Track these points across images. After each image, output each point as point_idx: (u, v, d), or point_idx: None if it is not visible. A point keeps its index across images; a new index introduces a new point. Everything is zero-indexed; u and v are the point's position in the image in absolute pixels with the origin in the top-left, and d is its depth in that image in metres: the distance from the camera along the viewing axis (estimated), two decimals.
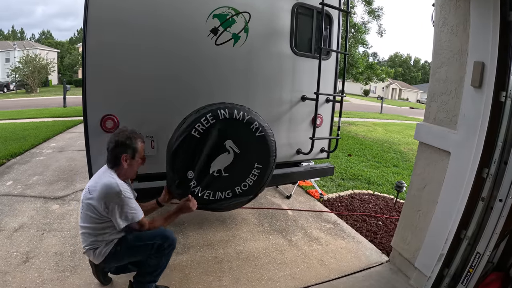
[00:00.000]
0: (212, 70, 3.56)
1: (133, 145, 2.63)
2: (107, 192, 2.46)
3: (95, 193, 2.49)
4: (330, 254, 3.73)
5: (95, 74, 3.08)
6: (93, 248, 2.57)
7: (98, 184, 2.51)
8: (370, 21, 14.72)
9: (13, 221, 4.07)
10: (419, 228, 3.22)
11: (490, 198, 2.60)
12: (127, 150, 2.61)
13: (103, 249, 2.57)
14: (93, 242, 2.57)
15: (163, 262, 2.69)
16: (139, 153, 2.69)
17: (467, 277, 2.67)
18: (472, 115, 2.69)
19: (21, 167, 6.38)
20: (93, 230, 2.55)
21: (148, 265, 2.66)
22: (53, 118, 13.26)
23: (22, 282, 2.93)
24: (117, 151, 2.60)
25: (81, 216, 2.58)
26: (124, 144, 2.60)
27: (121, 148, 2.60)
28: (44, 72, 36.25)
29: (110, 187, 2.47)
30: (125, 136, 2.62)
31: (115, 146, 2.61)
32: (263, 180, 3.13)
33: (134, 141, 2.64)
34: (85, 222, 2.55)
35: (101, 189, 2.47)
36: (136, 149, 2.65)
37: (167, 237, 2.64)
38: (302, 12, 3.98)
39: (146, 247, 2.59)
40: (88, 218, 2.52)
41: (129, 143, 2.62)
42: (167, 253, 2.67)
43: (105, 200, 2.46)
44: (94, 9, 2.96)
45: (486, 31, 2.52)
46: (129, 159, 2.63)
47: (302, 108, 4.17)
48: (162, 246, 2.60)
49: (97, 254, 2.58)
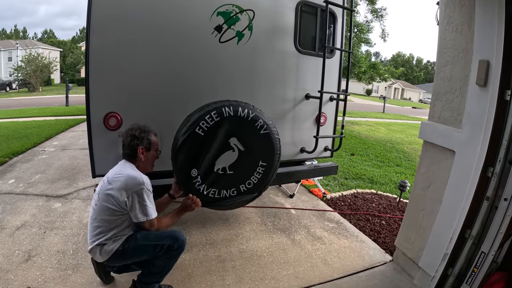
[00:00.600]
0: (216, 68, 3.56)
1: (148, 137, 2.72)
2: (132, 183, 2.50)
3: (116, 183, 2.52)
4: (333, 253, 3.71)
5: (98, 72, 3.08)
6: (100, 244, 2.54)
7: (120, 175, 2.56)
8: (374, 20, 14.67)
9: (15, 219, 4.07)
10: (423, 227, 3.21)
11: (495, 197, 2.58)
12: (143, 142, 2.69)
13: (110, 246, 2.55)
14: (102, 237, 2.54)
15: (170, 263, 2.69)
16: (154, 145, 2.77)
17: (472, 276, 2.65)
18: (477, 113, 2.67)
19: (24, 165, 6.39)
20: (106, 223, 2.53)
21: (154, 266, 2.64)
22: (55, 116, 13.28)
23: (24, 281, 2.93)
24: (133, 144, 2.67)
25: (95, 209, 2.57)
26: (139, 137, 2.69)
27: (136, 141, 2.68)
28: (47, 71, 36.36)
29: (135, 178, 2.53)
30: (139, 129, 2.71)
31: (131, 140, 2.68)
32: (268, 178, 3.12)
33: (148, 134, 2.73)
34: (100, 214, 2.54)
35: (125, 180, 2.52)
36: (150, 141, 2.73)
37: (177, 238, 2.63)
38: (306, 10, 3.97)
39: (155, 247, 2.58)
40: (105, 209, 2.51)
41: (144, 135, 2.70)
42: (176, 255, 2.66)
43: (127, 189, 2.49)
44: (97, 6, 2.96)
45: (491, 29, 2.50)
46: (145, 151, 2.71)
47: (306, 106, 4.16)
48: (172, 247, 2.59)
49: (104, 251, 2.56)
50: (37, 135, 9.11)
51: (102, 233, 2.54)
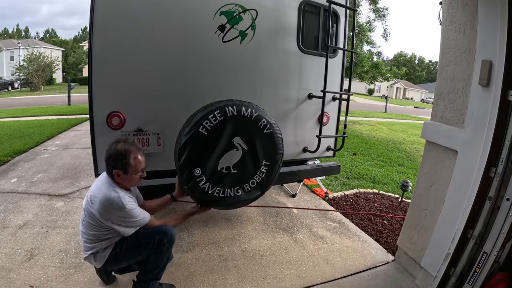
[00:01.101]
0: (219, 67, 3.56)
1: (124, 161, 2.47)
2: (109, 207, 2.41)
3: (96, 204, 2.43)
4: (335, 253, 3.72)
5: (102, 71, 3.08)
6: (93, 253, 2.57)
7: (99, 195, 2.44)
8: (376, 20, 14.65)
9: (18, 218, 4.09)
10: (425, 227, 3.21)
11: (497, 198, 2.58)
12: (117, 165, 2.47)
13: (103, 253, 2.58)
14: (93, 247, 2.56)
15: (163, 258, 2.67)
16: (133, 169, 2.52)
17: (474, 276, 2.65)
18: (479, 114, 2.67)
19: (26, 164, 6.41)
20: (93, 237, 2.54)
21: (149, 263, 2.65)
22: (57, 116, 13.30)
23: (27, 279, 2.94)
24: (108, 165, 2.50)
25: (84, 224, 2.54)
26: (114, 159, 2.47)
27: (111, 163, 2.49)
28: (49, 70, 36.39)
29: (112, 201, 2.41)
30: (115, 149, 2.48)
31: (106, 159, 2.50)
32: (271, 177, 3.12)
33: (125, 157, 2.47)
34: (86, 228, 2.53)
35: (102, 203, 2.41)
36: (127, 164, 2.48)
37: (166, 232, 2.61)
38: (309, 9, 3.96)
39: (146, 246, 2.57)
40: (91, 226, 2.49)
41: (119, 158, 2.46)
42: (166, 248, 2.64)
43: (107, 214, 2.42)
44: (101, 5, 2.96)
45: (494, 29, 2.50)
46: (122, 174, 2.50)
47: (308, 106, 4.16)
48: (161, 241, 2.58)
49: (98, 258, 2.59)
50: (39, 134, 9.13)
51: (92, 244, 2.55)
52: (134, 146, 2.57)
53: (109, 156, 2.48)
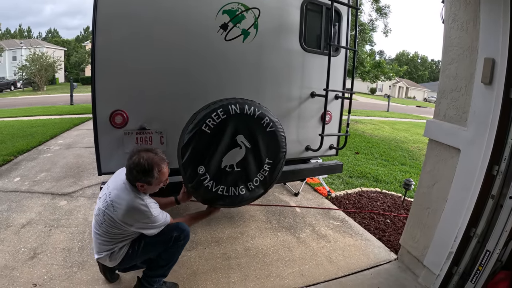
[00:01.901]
0: (222, 66, 3.57)
1: (149, 176, 2.43)
2: (136, 215, 2.43)
3: (120, 211, 2.41)
4: (338, 251, 3.72)
5: (104, 70, 3.09)
6: (109, 254, 2.57)
7: (123, 201, 2.42)
8: (378, 19, 14.62)
9: (21, 217, 4.10)
10: (428, 225, 3.21)
11: (500, 196, 2.58)
12: (141, 179, 2.43)
13: (119, 253, 2.58)
14: (110, 249, 2.56)
15: (176, 254, 2.71)
16: (157, 181, 2.50)
17: (476, 275, 2.65)
18: (482, 112, 2.66)
19: (29, 163, 6.42)
20: (111, 239, 2.54)
21: (161, 259, 2.66)
22: (60, 115, 13.30)
23: (30, 278, 2.95)
24: (131, 176, 2.45)
25: (100, 225, 2.50)
26: (138, 172, 2.41)
27: (135, 175, 2.43)
28: (51, 70, 36.47)
29: (139, 210, 2.42)
30: (139, 163, 2.40)
31: (129, 170, 2.45)
32: (274, 175, 3.12)
33: (151, 171, 2.42)
34: (104, 231, 2.50)
35: (129, 212, 2.41)
36: (152, 178, 2.45)
37: (183, 229, 2.65)
38: (311, 8, 3.96)
39: (164, 242, 2.59)
40: (109, 229, 2.48)
41: (144, 173, 2.41)
42: (182, 245, 2.67)
43: (132, 221, 2.43)
44: (103, 4, 2.97)
45: (496, 27, 2.50)
46: (146, 185, 2.47)
47: (311, 104, 4.16)
48: (178, 238, 2.61)
49: (113, 258, 2.59)
50: (42, 133, 9.14)
51: (110, 246, 2.55)
52: (158, 157, 2.50)
53: (131, 169, 2.42)
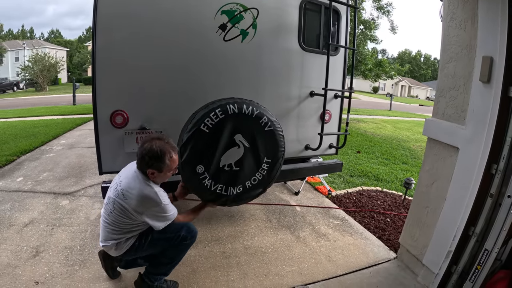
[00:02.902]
0: (221, 66, 3.58)
1: (160, 162, 2.46)
2: (146, 202, 2.45)
3: (131, 200, 2.44)
4: (338, 250, 3.73)
5: (105, 70, 3.12)
6: (116, 243, 2.59)
7: (134, 190, 2.44)
8: (380, 17, 14.57)
9: (24, 216, 4.13)
10: (427, 224, 3.21)
11: (498, 195, 2.58)
12: (152, 165, 2.46)
13: (125, 243, 2.61)
14: (118, 238, 2.58)
15: (181, 254, 2.74)
16: (168, 168, 2.52)
17: (475, 274, 2.65)
18: (480, 110, 2.66)
19: (31, 163, 6.46)
20: (120, 228, 2.55)
21: (165, 256, 2.69)
22: (62, 115, 13.36)
23: (32, 276, 2.97)
24: (142, 163, 2.48)
25: (111, 216, 2.52)
26: (149, 159, 2.44)
27: (146, 162, 2.46)
28: (54, 70, 36.60)
29: (149, 197, 2.45)
30: (151, 150, 2.43)
31: (141, 157, 2.47)
32: (272, 174, 3.14)
33: (162, 157, 2.45)
34: (116, 222, 2.52)
35: (139, 198, 2.43)
36: (163, 165, 2.48)
37: (192, 230, 2.68)
38: (310, 8, 3.97)
39: (171, 239, 2.61)
40: (121, 220, 2.51)
41: (155, 159, 2.44)
42: (188, 245, 2.70)
43: (142, 208, 2.45)
44: (103, 5, 2.99)
45: (494, 25, 2.49)
46: (156, 173, 2.49)
47: (310, 103, 4.17)
48: (185, 238, 2.64)
49: (119, 247, 2.61)
50: (45, 133, 9.18)
51: (118, 235, 2.57)
52: (169, 145, 2.52)
53: (143, 155, 2.45)
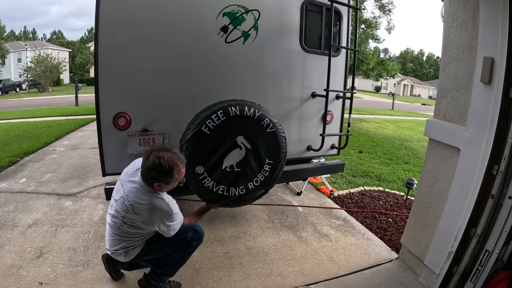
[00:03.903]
0: (223, 68, 3.60)
1: (168, 177, 2.37)
2: (158, 214, 2.43)
3: (144, 213, 2.40)
4: (339, 250, 3.74)
5: (107, 73, 3.14)
6: (125, 251, 2.60)
7: (145, 204, 2.39)
8: (382, 16, 14.57)
9: (27, 217, 4.15)
10: (429, 225, 3.21)
11: (500, 196, 2.57)
12: (161, 180, 2.37)
13: (134, 249, 2.62)
14: (127, 246, 2.58)
15: (187, 255, 2.75)
16: (175, 180, 2.44)
17: (476, 275, 2.65)
18: (482, 111, 2.66)
19: (35, 164, 6.49)
20: (130, 238, 2.56)
21: (172, 258, 2.70)
22: (65, 116, 13.39)
23: (36, 277, 2.99)
24: (149, 177, 2.37)
25: (118, 227, 2.49)
26: (157, 174, 2.35)
27: (154, 176, 2.36)
28: (56, 71, 36.62)
29: (161, 209, 2.42)
30: (159, 165, 2.32)
31: (147, 171, 2.36)
32: (274, 176, 3.15)
33: (170, 172, 2.35)
34: (124, 232, 2.49)
35: (152, 212, 2.41)
36: (171, 180, 2.40)
37: (198, 231, 2.70)
38: (311, 9, 3.98)
39: (178, 241, 2.62)
40: (131, 233, 2.50)
41: (163, 174, 2.35)
42: (195, 246, 2.71)
43: (156, 220, 2.44)
44: (106, 7, 3.01)
45: (495, 26, 2.49)
46: (163, 185, 2.41)
47: (312, 104, 4.18)
48: (193, 239, 2.65)
49: (128, 254, 2.62)
50: (48, 135, 9.21)
51: (127, 243, 2.58)
52: (177, 157, 2.43)
53: (150, 170, 2.34)
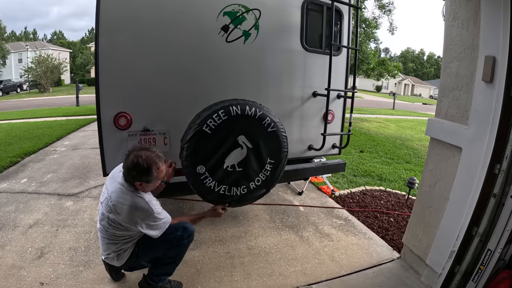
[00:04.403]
0: (224, 67, 3.59)
1: (147, 175, 2.43)
2: (139, 213, 2.45)
3: (123, 213, 2.44)
4: (341, 250, 3.73)
5: (108, 73, 3.13)
6: (116, 254, 2.63)
7: (125, 204, 2.44)
8: (381, 16, 14.55)
9: (28, 217, 4.15)
10: (430, 224, 3.21)
11: (502, 195, 2.56)
12: (141, 179, 2.43)
13: (125, 252, 2.63)
14: (117, 249, 2.61)
15: (181, 253, 2.74)
16: (156, 178, 2.50)
17: (478, 274, 2.65)
18: (483, 110, 2.65)
19: (36, 165, 6.49)
20: (119, 241, 2.58)
21: (166, 257, 2.69)
22: (66, 117, 13.41)
23: (37, 277, 2.99)
24: (129, 176, 2.45)
25: (106, 229, 2.55)
26: (136, 173, 2.41)
27: (133, 175, 2.43)
28: (57, 71, 36.69)
29: (142, 208, 2.45)
30: (137, 163, 2.39)
31: (127, 171, 2.44)
32: (276, 175, 3.14)
33: (149, 170, 2.42)
34: (112, 234, 2.54)
35: (132, 211, 2.43)
36: (151, 178, 2.45)
37: (187, 229, 2.68)
38: (312, 8, 3.97)
39: (167, 241, 2.61)
40: (117, 234, 2.54)
41: (142, 173, 2.41)
42: (185, 244, 2.70)
43: (137, 219, 2.45)
44: (106, 6, 3.00)
45: (496, 25, 2.49)
46: (144, 184, 2.47)
47: (313, 104, 4.17)
48: (182, 237, 2.64)
49: (120, 258, 2.64)
50: (49, 135, 9.22)
51: (117, 245, 2.60)
52: (155, 155, 2.50)
53: (130, 169, 2.41)
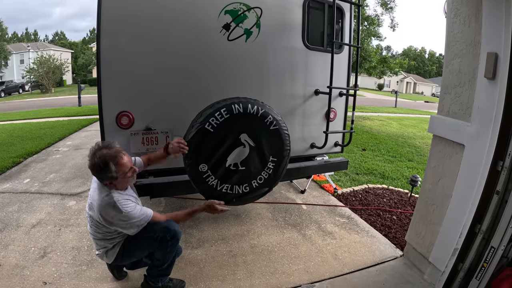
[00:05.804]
0: (226, 66, 3.59)
1: (107, 172, 2.37)
2: (107, 213, 2.41)
3: (96, 211, 2.44)
4: (344, 248, 3.73)
5: (110, 72, 3.14)
6: (104, 251, 2.66)
7: (96, 202, 2.44)
8: (384, 13, 14.49)
9: (31, 217, 4.17)
10: (433, 222, 3.20)
11: (505, 192, 2.55)
12: (103, 177, 2.41)
13: (112, 249, 2.65)
14: (104, 246, 2.64)
15: (168, 254, 2.67)
16: (120, 173, 2.42)
17: (481, 272, 2.64)
18: (486, 107, 2.64)
19: (38, 165, 6.51)
20: (101, 237, 2.60)
21: (155, 259, 2.68)
22: (68, 117, 13.44)
23: (40, 276, 3.01)
24: (97, 178, 2.48)
25: (90, 226, 2.63)
26: (97, 173, 2.41)
27: (97, 176, 2.45)
28: (59, 72, 36.84)
29: (109, 207, 2.41)
30: (94, 164, 2.37)
31: (92, 173, 2.45)
32: (278, 173, 3.14)
33: (106, 167, 2.35)
34: (94, 230, 2.60)
35: (100, 210, 2.41)
36: (112, 173, 2.38)
37: (169, 229, 2.59)
38: (314, 6, 3.96)
39: (149, 240, 2.58)
40: (99, 231, 2.57)
41: (101, 172, 2.38)
42: (171, 245, 2.62)
43: (108, 218, 2.43)
44: (107, 6, 3.01)
45: (498, 21, 2.47)
46: (112, 180, 2.43)
47: (315, 102, 4.16)
48: (164, 238, 2.57)
49: (109, 255, 2.67)
50: (51, 135, 9.25)
51: (102, 242, 2.63)
52: (112, 150, 2.44)
53: (92, 171, 2.42)
